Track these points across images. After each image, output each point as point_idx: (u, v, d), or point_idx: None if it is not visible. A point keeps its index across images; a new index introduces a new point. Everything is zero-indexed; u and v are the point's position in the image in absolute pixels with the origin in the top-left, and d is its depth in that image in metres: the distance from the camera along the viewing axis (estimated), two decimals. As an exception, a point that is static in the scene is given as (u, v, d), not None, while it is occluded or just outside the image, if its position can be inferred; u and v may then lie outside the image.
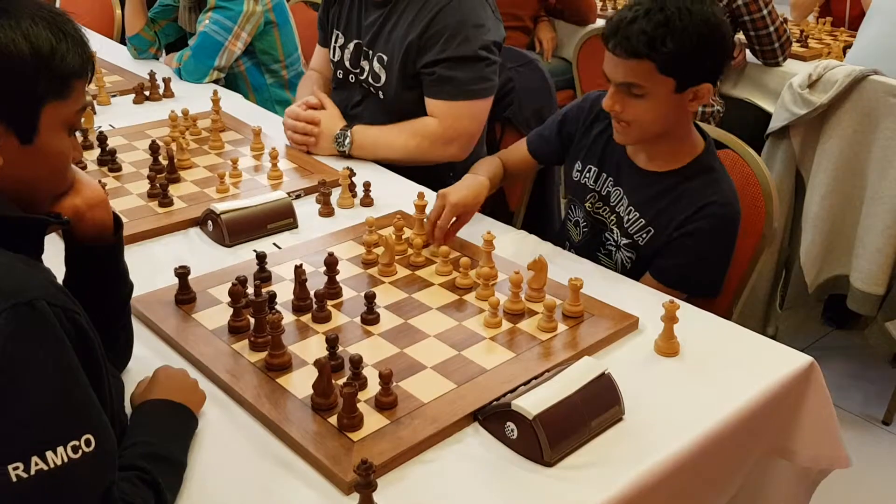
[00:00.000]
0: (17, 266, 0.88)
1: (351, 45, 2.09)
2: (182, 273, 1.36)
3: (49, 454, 0.80)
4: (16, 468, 0.79)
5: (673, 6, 1.41)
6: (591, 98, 1.72)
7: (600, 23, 3.54)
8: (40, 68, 0.92)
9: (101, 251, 1.11)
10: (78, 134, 1.08)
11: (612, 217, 1.65)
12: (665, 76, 1.44)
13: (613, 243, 1.65)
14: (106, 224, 1.10)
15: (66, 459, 0.81)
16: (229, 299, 1.30)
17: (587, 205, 1.69)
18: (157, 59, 2.83)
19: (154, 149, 1.87)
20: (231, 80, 2.68)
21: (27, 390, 0.81)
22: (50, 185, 1.02)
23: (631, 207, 1.61)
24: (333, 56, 2.15)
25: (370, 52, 2.04)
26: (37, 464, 0.79)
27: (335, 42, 2.13)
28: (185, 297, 1.37)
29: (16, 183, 0.94)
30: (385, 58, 2.01)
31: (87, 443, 0.83)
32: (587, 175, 1.69)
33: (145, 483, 0.93)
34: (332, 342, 1.19)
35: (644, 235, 1.59)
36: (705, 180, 1.55)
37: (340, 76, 2.14)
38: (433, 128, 1.97)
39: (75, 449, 0.82)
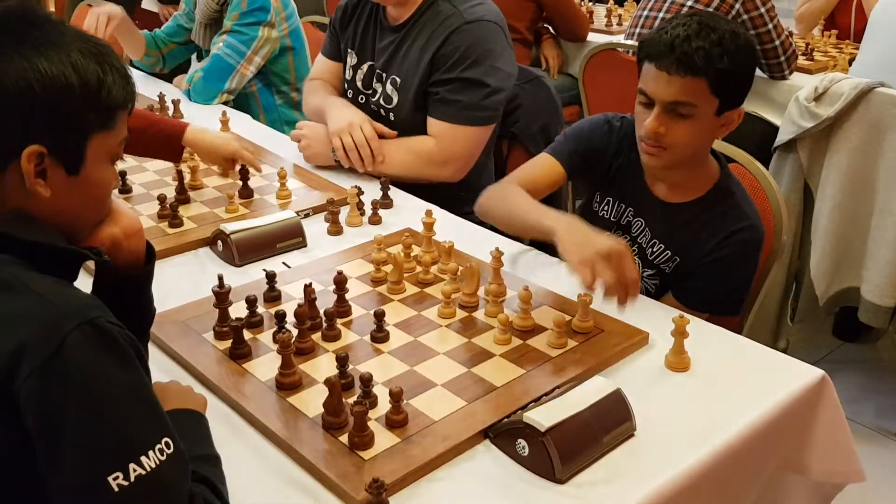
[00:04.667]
0: (66, 288, 0.90)
1: (364, 67, 2.10)
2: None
3: (143, 459, 0.84)
4: (115, 478, 0.82)
5: (721, 28, 1.44)
6: (616, 128, 1.66)
7: (596, 38, 3.54)
8: (89, 100, 0.93)
9: (131, 280, 1.11)
10: None
11: (633, 248, 1.64)
12: (714, 96, 1.45)
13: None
14: (140, 253, 1.11)
15: (157, 462, 0.84)
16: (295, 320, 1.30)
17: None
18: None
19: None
20: (242, 100, 2.70)
21: (113, 404, 0.84)
22: (92, 215, 1.03)
23: (655, 240, 1.61)
24: (346, 75, 2.16)
25: (383, 74, 2.05)
26: (135, 470, 0.83)
27: (350, 61, 2.15)
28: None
29: (60, 212, 0.96)
30: (398, 80, 2.02)
31: (168, 445, 0.87)
32: (606, 208, 1.69)
33: (198, 481, 0.95)
34: (342, 361, 1.19)
35: (670, 265, 1.60)
36: (728, 206, 1.56)
37: (350, 96, 2.16)
38: (429, 147, 1.98)
39: (161, 452, 0.85)
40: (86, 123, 0.94)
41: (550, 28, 3.68)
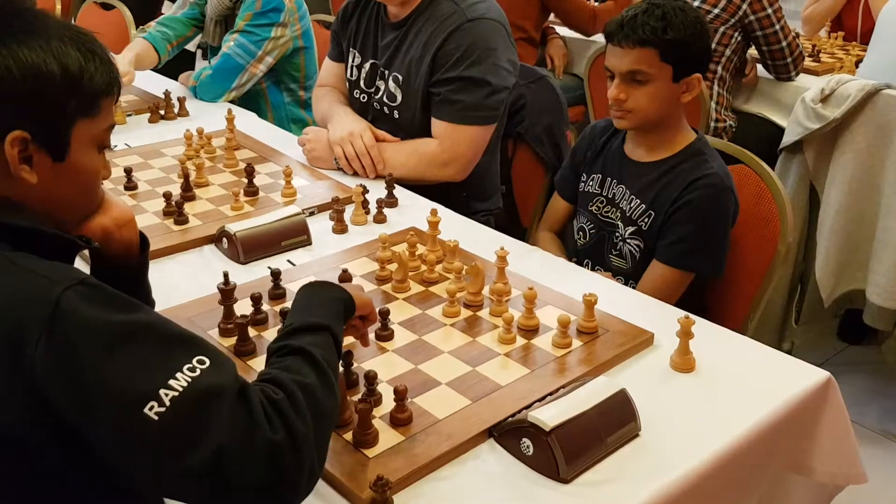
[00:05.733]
0: (52, 262, 0.90)
1: (367, 65, 2.11)
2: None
3: (172, 382, 0.83)
4: (151, 407, 0.82)
5: (668, 6, 1.65)
6: (589, 126, 1.90)
7: (603, 39, 3.53)
8: (71, 87, 0.93)
9: (126, 270, 1.12)
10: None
11: (617, 213, 1.76)
12: (665, 63, 1.65)
13: (620, 238, 1.75)
14: (133, 243, 1.12)
15: (189, 379, 0.84)
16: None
17: (593, 208, 1.80)
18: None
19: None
20: (251, 97, 2.69)
21: (122, 344, 0.84)
22: (81, 203, 1.03)
23: (633, 196, 1.73)
24: (350, 75, 2.17)
25: (385, 71, 2.05)
26: (167, 394, 0.82)
27: (352, 61, 2.15)
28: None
29: (48, 201, 0.96)
30: (400, 77, 2.02)
31: (201, 362, 0.86)
32: (591, 183, 1.83)
33: (290, 354, 0.96)
34: (346, 358, 1.19)
35: (647, 220, 1.71)
36: (696, 161, 1.70)
37: (356, 95, 2.16)
38: (431, 148, 1.98)
39: (192, 369, 0.85)
40: (69, 110, 0.94)
41: (556, 28, 3.68)
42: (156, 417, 0.81)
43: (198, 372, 0.85)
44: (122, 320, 0.85)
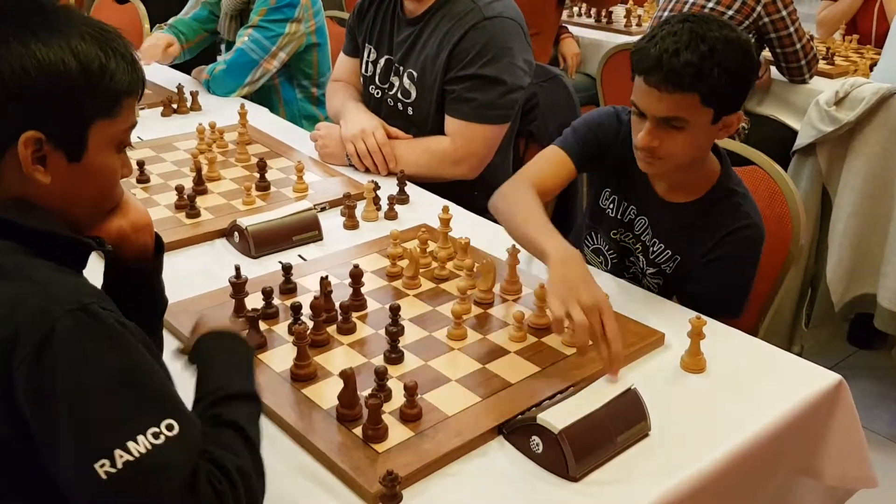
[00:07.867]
0: (63, 275, 0.89)
1: (382, 61, 2.11)
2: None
3: (131, 444, 0.80)
4: (102, 465, 0.79)
5: (712, 37, 1.38)
6: (625, 122, 1.61)
7: (614, 39, 3.54)
8: (90, 87, 0.91)
9: (140, 272, 1.11)
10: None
11: (637, 245, 1.63)
12: (707, 107, 1.41)
13: (639, 270, 1.64)
14: (148, 248, 1.10)
15: (149, 447, 0.81)
16: (311, 313, 1.30)
17: (615, 235, 1.66)
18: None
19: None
20: (264, 92, 2.70)
21: (97, 390, 0.82)
22: (97, 202, 1.01)
23: (656, 239, 1.59)
24: (365, 71, 2.17)
25: (400, 68, 2.05)
26: (121, 456, 0.80)
27: (368, 56, 2.15)
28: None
29: (63, 200, 0.94)
30: (415, 74, 2.02)
31: (169, 427, 0.83)
32: (611, 206, 1.66)
33: (221, 425, 0.92)
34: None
35: (671, 265, 1.58)
36: (728, 205, 1.53)
37: (371, 91, 2.16)
38: (444, 146, 1.98)
39: (156, 435, 0.81)
40: (87, 110, 0.92)
41: (569, 27, 3.67)
42: (104, 476, 0.79)
43: (161, 440, 0.81)
44: (103, 365, 0.83)
